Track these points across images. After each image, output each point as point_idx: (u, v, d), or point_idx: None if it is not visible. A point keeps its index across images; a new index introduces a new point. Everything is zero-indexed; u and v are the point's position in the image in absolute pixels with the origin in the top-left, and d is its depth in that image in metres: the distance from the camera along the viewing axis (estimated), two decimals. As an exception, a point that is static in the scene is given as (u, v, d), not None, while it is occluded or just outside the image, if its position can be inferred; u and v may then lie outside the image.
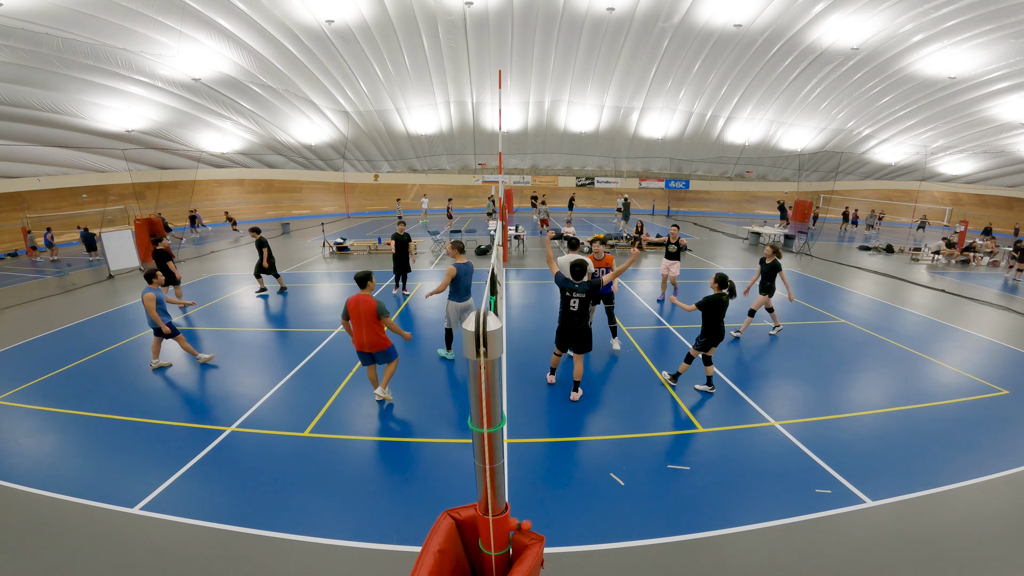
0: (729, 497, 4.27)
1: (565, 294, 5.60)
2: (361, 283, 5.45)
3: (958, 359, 7.58)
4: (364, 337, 5.44)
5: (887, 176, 36.34)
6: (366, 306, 5.35)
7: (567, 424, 5.55)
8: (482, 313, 1.36)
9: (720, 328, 5.89)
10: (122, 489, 4.35)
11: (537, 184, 36.10)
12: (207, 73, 21.44)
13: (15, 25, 15.49)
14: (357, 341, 5.50)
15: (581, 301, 5.53)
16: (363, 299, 5.36)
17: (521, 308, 9.98)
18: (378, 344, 5.50)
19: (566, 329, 5.71)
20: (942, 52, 22.01)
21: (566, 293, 5.58)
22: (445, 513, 2.59)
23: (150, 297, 6.69)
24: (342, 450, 5.01)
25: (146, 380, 6.69)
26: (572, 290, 5.53)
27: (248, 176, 31.49)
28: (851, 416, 5.72)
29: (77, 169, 24.25)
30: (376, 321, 5.40)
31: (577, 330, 5.64)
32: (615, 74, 25.91)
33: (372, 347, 5.49)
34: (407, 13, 20.83)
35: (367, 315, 5.36)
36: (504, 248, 14.52)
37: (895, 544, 3.74)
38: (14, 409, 5.87)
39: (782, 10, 20.68)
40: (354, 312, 5.39)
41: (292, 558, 3.59)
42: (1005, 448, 5.06)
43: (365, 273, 5.47)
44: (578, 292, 5.52)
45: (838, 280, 13.24)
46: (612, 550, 3.67)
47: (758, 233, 19.88)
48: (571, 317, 5.61)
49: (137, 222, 15.85)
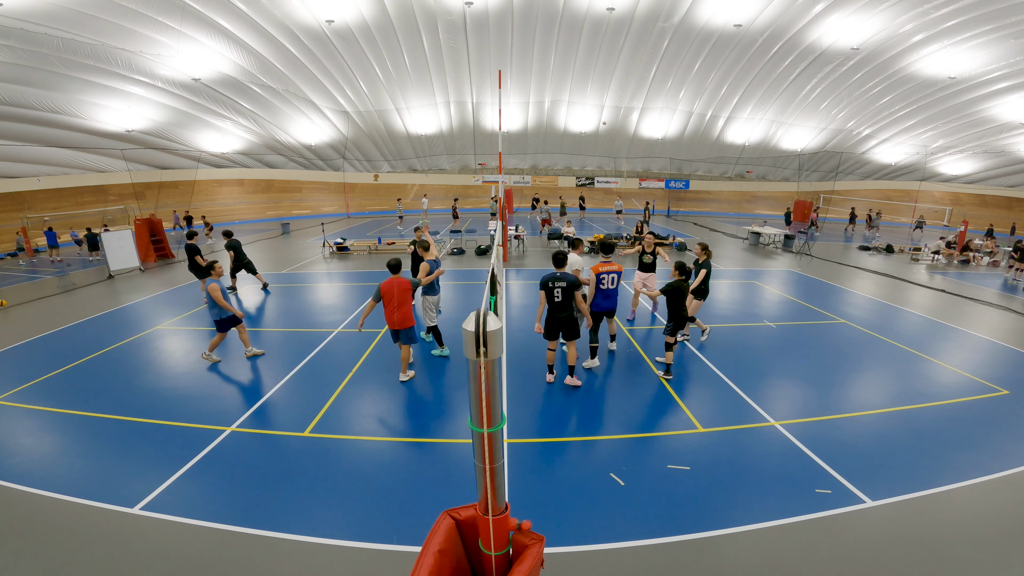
0: (729, 497, 4.27)
1: (548, 285, 6.00)
2: (394, 269, 6.23)
3: (958, 359, 7.58)
4: (396, 315, 6.18)
5: (887, 176, 36.35)
6: (400, 286, 6.12)
7: (567, 424, 5.55)
8: (482, 313, 1.36)
9: (683, 313, 6.41)
10: (122, 489, 4.35)
11: (537, 184, 36.11)
12: (207, 73, 21.45)
13: (15, 25, 15.50)
14: (389, 320, 6.26)
15: (563, 291, 5.97)
16: (397, 280, 6.15)
17: (521, 308, 9.98)
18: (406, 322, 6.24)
19: (552, 319, 6.13)
20: (942, 52, 22.01)
21: (549, 284, 6.00)
22: (445, 513, 2.59)
23: (215, 288, 6.73)
24: (342, 450, 5.01)
25: (146, 380, 6.69)
26: (554, 280, 5.96)
27: (248, 176, 31.50)
28: (851, 416, 5.72)
29: (77, 169, 24.26)
30: (410, 297, 6.24)
31: (562, 318, 6.07)
32: (615, 74, 25.92)
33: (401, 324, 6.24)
34: (407, 13, 20.84)
35: (401, 292, 6.12)
36: (504, 248, 14.52)
37: (895, 544, 3.74)
38: (14, 409, 5.87)
39: (782, 10, 20.68)
40: (388, 293, 6.11)
41: (292, 558, 3.59)
42: (1005, 448, 5.06)
43: (397, 260, 6.32)
44: (559, 282, 5.96)
45: (838, 280, 13.23)
46: (612, 550, 3.67)
47: (758, 233, 19.89)
48: (556, 307, 6.06)
49: (137, 222, 15.88)
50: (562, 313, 6.05)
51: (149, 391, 6.35)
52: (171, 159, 26.58)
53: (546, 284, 5.99)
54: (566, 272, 6.05)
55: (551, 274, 6.02)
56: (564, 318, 6.07)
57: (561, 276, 5.97)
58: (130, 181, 24.34)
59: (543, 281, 6.02)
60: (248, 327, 8.91)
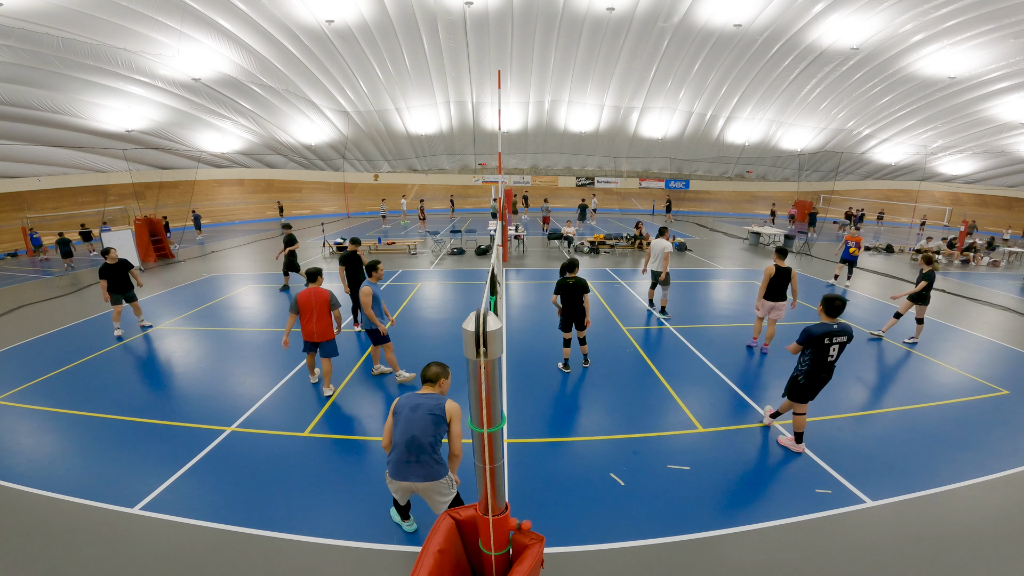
0: (729, 497, 4.27)
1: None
2: (311, 277, 5.97)
3: (958, 359, 7.58)
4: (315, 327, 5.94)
5: (887, 176, 36.36)
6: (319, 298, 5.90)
7: (567, 424, 5.55)
8: (482, 313, 1.36)
9: None
10: (122, 489, 4.35)
11: (537, 184, 36.11)
12: (207, 73, 21.46)
13: (15, 25, 15.50)
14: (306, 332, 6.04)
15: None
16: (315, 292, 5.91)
17: (521, 308, 9.98)
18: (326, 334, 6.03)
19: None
20: (942, 52, 22.03)
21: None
22: (445, 513, 2.59)
23: (367, 292, 5.83)
24: (342, 450, 5.01)
25: (146, 380, 6.69)
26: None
27: (248, 176, 31.51)
28: (851, 416, 5.72)
29: (77, 169, 24.27)
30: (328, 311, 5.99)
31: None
32: (615, 74, 25.92)
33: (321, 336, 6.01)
34: (407, 13, 20.85)
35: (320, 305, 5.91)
36: (504, 248, 14.53)
37: (895, 544, 3.74)
38: (14, 409, 5.87)
39: (782, 10, 20.69)
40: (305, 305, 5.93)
41: (292, 558, 3.59)
42: (1005, 448, 5.05)
43: (317, 269, 6.07)
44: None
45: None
46: (612, 550, 3.67)
47: (758, 233, 19.89)
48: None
49: (137, 222, 15.87)
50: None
51: (149, 391, 6.35)
52: (171, 159, 26.59)
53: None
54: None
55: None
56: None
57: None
58: (130, 181, 24.34)
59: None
60: (248, 327, 8.91)
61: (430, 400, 3.43)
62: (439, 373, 3.58)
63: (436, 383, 3.57)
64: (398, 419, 3.43)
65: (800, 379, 4.75)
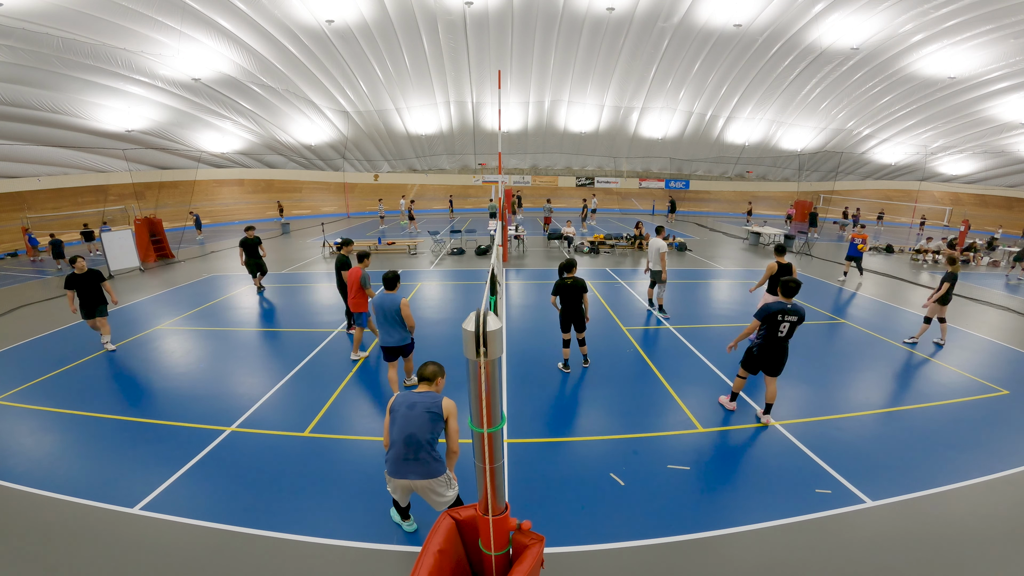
0: (729, 497, 4.27)
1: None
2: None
3: (958, 359, 7.58)
4: None
5: (887, 176, 36.35)
6: None
7: (567, 424, 5.55)
8: (482, 313, 1.35)
9: None
10: (122, 489, 4.35)
11: (537, 184, 36.11)
12: (207, 73, 21.45)
13: (15, 25, 15.50)
14: None
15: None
16: None
17: (521, 308, 9.98)
18: None
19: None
20: (942, 52, 22.01)
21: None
22: (445, 513, 2.59)
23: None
24: (342, 450, 5.01)
25: (146, 380, 6.69)
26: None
27: (248, 176, 31.49)
28: (851, 416, 5.72)
29: (77, 169, 24.26)
30: None
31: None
32: (615, 74, 25.91)
33: None
34: (407, 13, 20.84)
35: None
36: (504, 248, 14.52)
37: (895, 544, 3.74)
38: (14, 409, 5.87)
39: (782, 10, 20.68)
40: None
41: (292, 558, 3.59)
42: (1005, 448, 5.05)
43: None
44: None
45: (839, 280, 13.22)
46: (612, 550, 3.67)
47: (758, 233, 19.89)
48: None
49: (137, 222, 15.87)
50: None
51: (149, 391, 6.35)
52: (171, 159, 26.57)
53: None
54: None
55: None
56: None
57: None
58: (130, 181, 24.34)
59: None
60: (248, 327, 8.92)
61: (427, 398, 3.46)
62: (436, 372, 3.63)
63: (433, 381, 3.61)
64: (395, 417, 3.46)
65: (754, 350, 5.46)
